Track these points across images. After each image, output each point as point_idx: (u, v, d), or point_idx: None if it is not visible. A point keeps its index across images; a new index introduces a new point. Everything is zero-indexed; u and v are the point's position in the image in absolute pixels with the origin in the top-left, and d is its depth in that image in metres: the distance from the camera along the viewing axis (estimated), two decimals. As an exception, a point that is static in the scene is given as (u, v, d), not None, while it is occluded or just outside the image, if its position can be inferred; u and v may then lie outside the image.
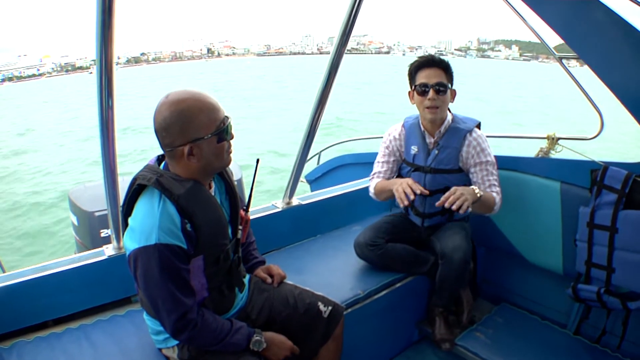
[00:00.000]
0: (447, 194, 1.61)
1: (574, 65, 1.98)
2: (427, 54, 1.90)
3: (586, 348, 1.81)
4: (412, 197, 1.67)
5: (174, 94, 1.11)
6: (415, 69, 1.81)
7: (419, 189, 1.69)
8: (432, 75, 1.76)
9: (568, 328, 1.93)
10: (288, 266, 1.63)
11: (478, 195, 1.68)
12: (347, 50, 1.76)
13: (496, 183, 1.83)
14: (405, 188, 1.69)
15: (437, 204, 1.61)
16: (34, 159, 12.33)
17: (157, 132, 1.11)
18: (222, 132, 1.13)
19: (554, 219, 1.87)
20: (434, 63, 1.77)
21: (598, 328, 1.84)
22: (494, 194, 1.80)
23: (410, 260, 1.90)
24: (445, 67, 1.78)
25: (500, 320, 1.99)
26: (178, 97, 1.09)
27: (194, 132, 1.09)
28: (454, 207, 1.58)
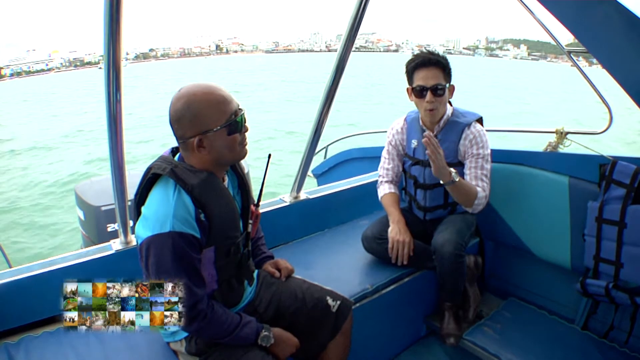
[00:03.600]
0: (431, 139, 1.59)
1: (583, 65, 1.98)
2: (429, 49, 1.88)
3: (594, 343, 1.80)
4: (404, 260, 1.83)
5: (186, 87, 1.13)
6: (412, 69, 1.79)
7: (409, 252, 1.83)
8: (429, 77, 1.74)
9: (576, 323, 1.93)
10: (296, 261, 1.63)
11: (452, 176, 1.68)
12: (356, 48, 1.76)
13: (484, 178, 1.81)
14: (399, 248, 1.82)
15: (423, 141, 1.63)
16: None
17: (171, 124, 1.14)
18: (232, 125, 1.13)
19: (562, 213, 1.87)
20: (430, 63, 1.75)
21: (606, 323, 1.84)
22: (478, 189, 1.79)
23: (418, 254, 1.90)
24: (443, 66, 1.75)
25: (508, 315, 1.99)
26: (189, 90, 1.12)
27: (203, 125, 1.11)
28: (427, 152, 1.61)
